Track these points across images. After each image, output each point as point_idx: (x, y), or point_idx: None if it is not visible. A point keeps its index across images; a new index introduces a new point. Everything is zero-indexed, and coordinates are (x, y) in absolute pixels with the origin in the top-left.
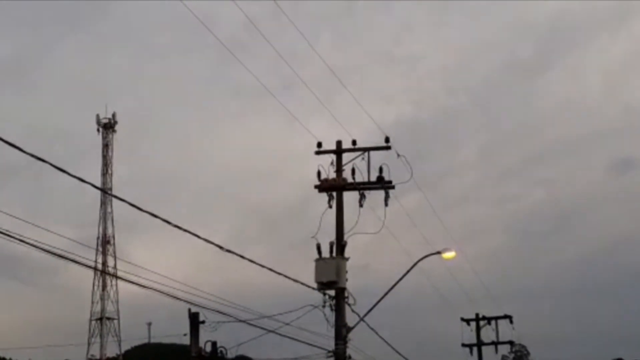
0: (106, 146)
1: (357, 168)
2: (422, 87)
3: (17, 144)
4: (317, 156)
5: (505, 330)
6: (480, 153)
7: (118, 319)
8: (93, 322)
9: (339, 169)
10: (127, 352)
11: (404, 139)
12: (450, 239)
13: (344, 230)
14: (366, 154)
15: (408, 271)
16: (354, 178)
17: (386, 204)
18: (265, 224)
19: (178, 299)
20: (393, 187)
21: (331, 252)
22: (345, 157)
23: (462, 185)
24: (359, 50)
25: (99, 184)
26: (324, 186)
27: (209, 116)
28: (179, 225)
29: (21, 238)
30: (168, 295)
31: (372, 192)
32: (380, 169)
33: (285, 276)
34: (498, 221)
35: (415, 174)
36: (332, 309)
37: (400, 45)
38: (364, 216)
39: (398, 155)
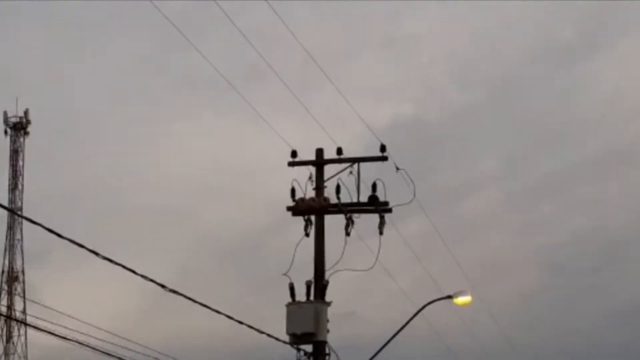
0: (15, 152)
1: (343, 184)
2: (428, 79)
3: None
4: (290, 168)
5: None
6: (503, 165)
7: None
8: None
9: (320, 186)
10: None
11: (405, 147)
12: (464, 277)
13: (325, 266)
14: (355, 166)
15: (409, 321)
16: (338, 198)
17: (381, 232)
18: (223, 256)
19: (106, 353)
20: (390, 210)
21: (308, 294)
22: (328, 170)
23: (479, 208)
24: (346, 30)
25: (5, 202)
26: (300, 208)
27: (150, 115)
28: (110, 257)
29: None
30: (92, 348)
31: (363, 216)
32: (374, 186)
33: (248, 326)
34: (526, 255)
35: (418, 192)
36: None
37: (398, 24)
38: (351, 247)
39: (397, 168)
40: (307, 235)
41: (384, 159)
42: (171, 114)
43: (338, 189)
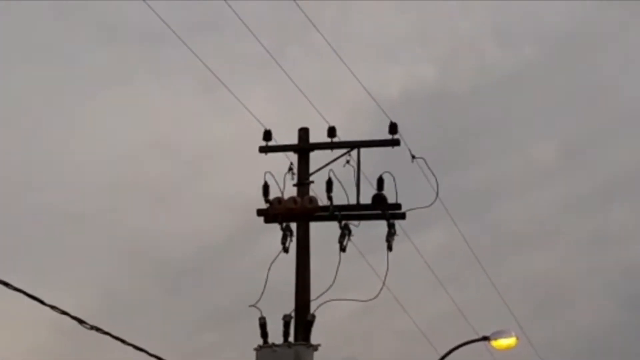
0: None
1: (337, 179)
2: (457, 32)
3: None
4: (262, 156)
5: None
6: (561, 155)
7: None
8: None
9: (304, 181)
10: None
11: (424, 128)
12: (506, 311)
13: (311, 294)
14: (354, 153)
15: None
16: (330, 198)
17: (389, 247)
18: (168, 278)
19: None
20: (402, 216)
21: (286, 334)
22: (316, 158)
23: (526, 214)
24: None
25: None
26: (276, 212)
27: (60, 78)
28: (7, 281)
29: None
30: None
31: (365, 223)
32: (380, 182)
33: None
34: (592, 279)
35: (442, 191)
36: None
37: None
38: (348, 268)
39: (413, 157)
40: (285, 250)
41: (395, 143)
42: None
43: (329, 186)
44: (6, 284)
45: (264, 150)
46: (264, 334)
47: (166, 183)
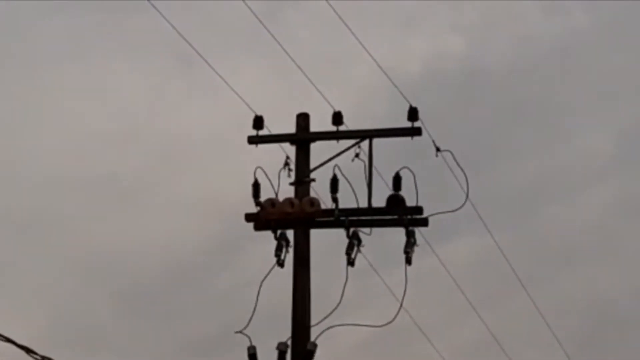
0: None
1: (344, 177)
2: None
3: None
4: (252, 148)
5: None
6: (623, 146)
7: None
8: None
9: (303, 179)
10: None
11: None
12: (551, 340)
13: (312, 318)
14: (365, 145)
15: None
16: (335, 199)
17: (408, 260)
18: (133, 300)
19: None
20: (425, 222)
21: None
22: (318, 151)
23: (578, 218)
24: None
25: None
26: (268, 217)
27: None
28: None
29: None
30: None
31: (378, 231)
32: (397, 181)
33: None
34: None
35: (474, 192)
36: None
37: None
38: (356, 285)
39: (437, 150)
40: (280, 264)
41: (415, 132)
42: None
43: (334, 185)
44: None
45: (253, 141)
46: None
47: (132, 181)
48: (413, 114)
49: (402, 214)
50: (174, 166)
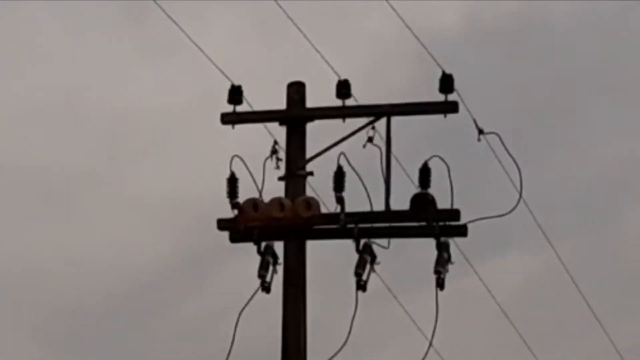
0: None
1: (351, 169)
2: None
3: None
4: (227, 130)
5: None
6: None
7: None
8: None
9: (296, 171)
10: None
11: (497, 84)
12: None
13: (308, 358)
14: (381, 124)
15: None
16: (340, 199)
17: (440, 283)
18: (63, 335)
19: None
20: (462, 231)
21: None
22: (317, 133)
23: None
24: None
25: None
26: (249, 222)
27: None
28: None
29: None
30: None
31: (398, 243)
32: (425, 174)
33: None
34: None
35: (529, 189)
36: None
37: None
38: (369, 315)
39: (479, 131)
40: (265, 288)
41: (450, 108)
42: None
43: (339, 180)
44: None
45: (229, 119)
46: None
47: (64, 175)
48: (447, 83)
49: (432, 220)
50: (122, 155)
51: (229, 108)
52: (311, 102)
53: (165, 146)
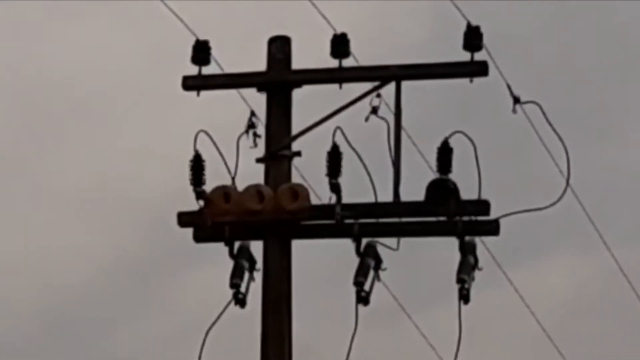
0: None
1: (350, 147)
2: None
3: None
4: (190, 97)
5: None
6: None
7: None
8: None
9: (278, 151)
10: None
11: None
12: None
13: None
14: (387, 91)
15: None
16: (335, 186)
17: (465, 294)
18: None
19: None
20: (493, 228)
21: None
22: (305, 102)
23: None
24: None
25: None
26: (218, 217)
27: None
28: None
29: None
30: None
31: (409, 243)
32: (444, 155)
33: None
34: None
35: (577, 176)
36: None
37: None
38: (372, 336)
39: (516, 100)
40: (239, 301)
41: (477, 70)
42: None
43: (335, 163)
44: None
45: (193, 84)
46: None
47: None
48: (474, 38)
49: (453, 214)
50: (46, 134)
51: (193, 70)
52: (298, 62)
53: (105, 121)
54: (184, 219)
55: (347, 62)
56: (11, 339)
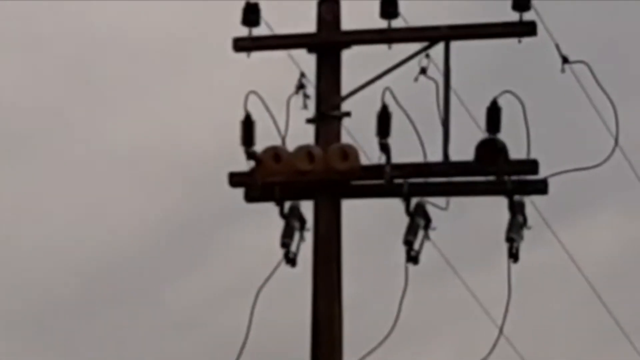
0: None
1: (400, 108)
2: None
3: None
4: (240, 59)
5: None
6: None
7: None
8: None
9: (328, 112)
10: None
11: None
12: None
13: (343, 349)
14: (436, 52)
15: None
16: (385, 146)
17: (514, 253)
18: (19, 327)
19: None
20: (543, 188)
21: None
22: (354, 63)
23: None
24: None
25: None
26: (269, 178)
27: None
28: None
29: None
30: None
31: (459, 203)
32: (493, 115)
33: None
34: None
35: (626, 134)
36: None
37: None
38: (421, 296)
39: (565, 60)
40: (290, 261)
41: (526, 30)
42: None
43: (384, 123)
44: None
45: (243, 46)
46: None
47: (17, 116)
48: None
49: (502, 173)
50: (97, 92)
51: (243, 31)
52: (348, 23)
53: (157, 81)
54: (235, 179)
55: (396, 23)
56: (60, 295)
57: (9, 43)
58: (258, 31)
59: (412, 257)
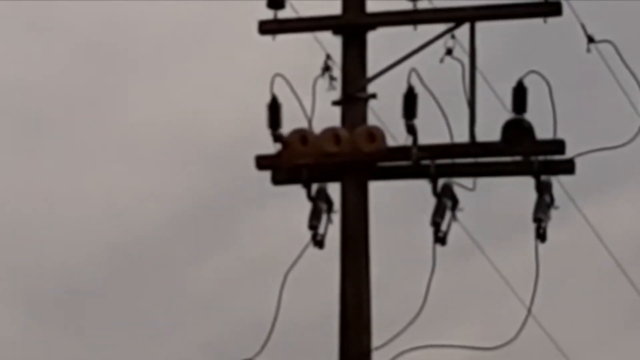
0: None
1: (426, 89)
2: None
3: None
4: (266, 42)
5: None
6: None
7: None
8: None
9: (354, 94)
10: None
11: None
12: None
13: (372, 333)
14: (462, 32)
15: None
16: (411, 128)
17: (541, 233)
18: (49, 304)
19: None
20: (570, 168)
21: None
22: (380, 44)
23: None
24: None
25: None
26: (295, 159)
27: None
28: None
29: None
30: None
31: (486, 183)
32: (519, 95)
33: None
34: None
35: None
36: None
37: None
38: (448, 277)
39: (590, 39)
40: (317, 243)
41: (551, 10)
42: None
43: (411, 105)
44: None
45: (269, 28)
46: None
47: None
48: None
49: (529, 154)
50: (126, 72)
51: (269, 14)
52: (373, 5)
53: (182, 64)
54: (263, 162)
55: (422, 4)
56: (85, 279)
57: (32, 26)
58: (283, 14)
59: (440, 238)
